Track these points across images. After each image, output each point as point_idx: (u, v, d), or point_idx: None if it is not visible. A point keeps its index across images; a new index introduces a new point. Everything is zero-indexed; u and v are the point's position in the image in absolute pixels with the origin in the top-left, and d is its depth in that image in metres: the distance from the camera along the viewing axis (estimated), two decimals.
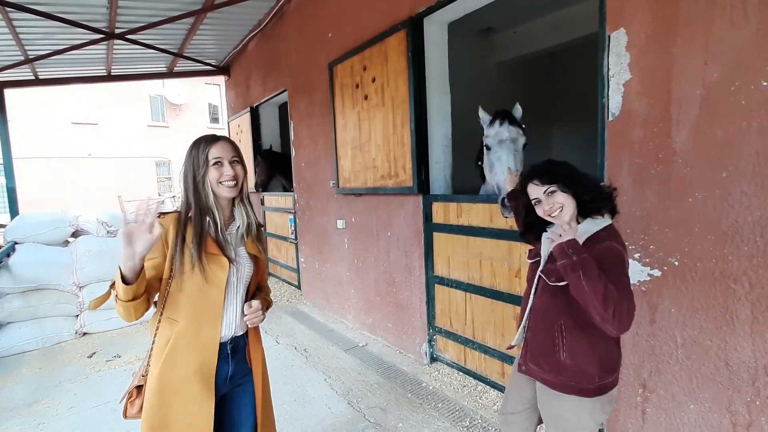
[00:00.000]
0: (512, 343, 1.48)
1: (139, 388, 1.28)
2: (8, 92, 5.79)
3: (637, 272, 1.78)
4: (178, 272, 1.21)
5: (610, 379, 1.28)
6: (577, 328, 1.26)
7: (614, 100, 1.80)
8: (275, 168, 5.72)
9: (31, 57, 4.77)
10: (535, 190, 1.32)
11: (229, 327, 1.30)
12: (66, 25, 3.94)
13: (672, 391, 1.73)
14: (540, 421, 1.48)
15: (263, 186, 5.77)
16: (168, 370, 1.21)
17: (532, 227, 1.46)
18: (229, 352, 1.30)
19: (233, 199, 1.32)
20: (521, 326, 1.45)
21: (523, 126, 2.31)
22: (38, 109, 14.17)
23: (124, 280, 1.08)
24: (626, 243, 1.77)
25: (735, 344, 1.52)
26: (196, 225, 1.23)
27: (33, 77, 5.62)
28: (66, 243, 4.62)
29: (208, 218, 1.25)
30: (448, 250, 2.85)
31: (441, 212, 2.85)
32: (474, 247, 2.64)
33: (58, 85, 5.98)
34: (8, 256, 3.85)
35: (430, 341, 3.06)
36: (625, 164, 1.79)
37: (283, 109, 5.76)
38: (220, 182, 1.25)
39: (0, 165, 6.53)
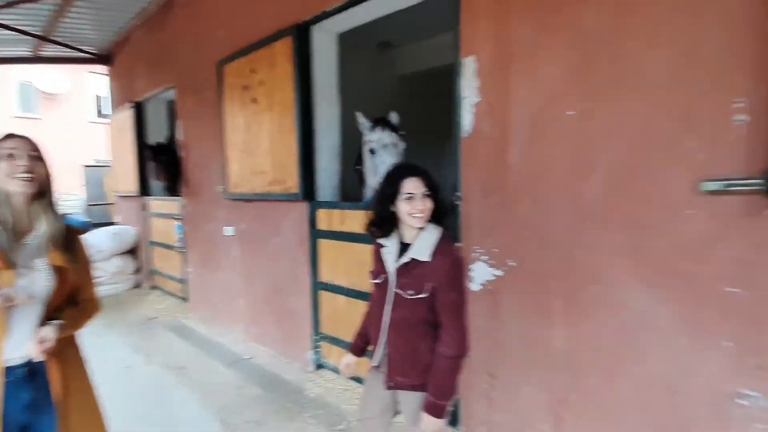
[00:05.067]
0: (374, 364, 1.48)
1: None
2: None
3: (485, 273, 1.99)
4: None
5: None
6: (435, 327, 1.37)
7: (467, 120, 2.01)
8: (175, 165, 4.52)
9: None
10: (415, 186, 1.34)
11: (18, 348, 1.13)
12: None
13: (511, 377, 1.95)
14: (392, 418, 1.56)
15: (170, 187, 4.58)
16: None
17: (384, 221, 1.43)
18: (24, 375, 1.14)
19: (36, 204, 1.17)
20: (380, 345, 1.45)
21: (401, 132, 2.53)
22: None
23: None
24: (475, 246, 1.99)
25: (551, 333, 1.78)
26: None
27: None
28: None
29: None
30: (332, 257, 2.88)
31: (325, 219, 2.88)
32: (356, 254, 2.71)
33: None
34: None
35: (315, 348, 3.05)
36: (475, 177, 2.00)
37: (173, 106, 5.33)
38: (13, 176, 1.10)
39: None
